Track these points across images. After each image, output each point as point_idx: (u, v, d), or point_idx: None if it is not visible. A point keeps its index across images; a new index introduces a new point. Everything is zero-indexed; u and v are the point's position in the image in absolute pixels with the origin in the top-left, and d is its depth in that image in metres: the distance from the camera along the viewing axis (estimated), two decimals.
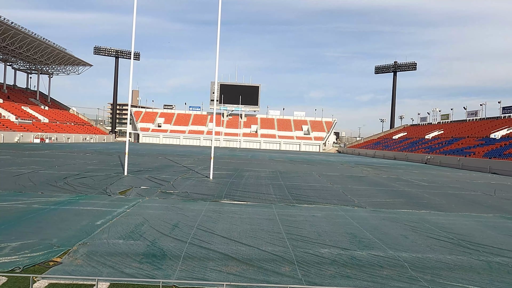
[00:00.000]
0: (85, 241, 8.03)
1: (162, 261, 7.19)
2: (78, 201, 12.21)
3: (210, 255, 7.62)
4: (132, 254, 7.45)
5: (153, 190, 15.39)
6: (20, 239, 7.89)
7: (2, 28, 60.75)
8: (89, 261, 6.99)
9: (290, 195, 15.72)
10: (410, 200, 16.13)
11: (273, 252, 7.99)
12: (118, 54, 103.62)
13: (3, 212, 10.14)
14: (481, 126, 63.18)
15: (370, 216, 12.34)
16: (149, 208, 11.70)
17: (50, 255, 7.20)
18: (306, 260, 7.58)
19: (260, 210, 12.42)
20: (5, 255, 7.07)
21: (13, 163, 22.59)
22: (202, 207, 12.29)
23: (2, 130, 55.52)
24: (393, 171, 33.52)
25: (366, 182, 22.44)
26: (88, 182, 16.49)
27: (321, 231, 9.98)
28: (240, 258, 7.54)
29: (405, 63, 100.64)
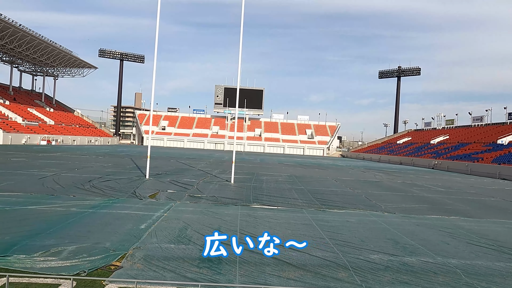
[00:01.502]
0: (138, 245, 8.09)
1: (219, 265, 7.25)
2: (112, 205, 12.28)
3: (264, 260, 7.67)
4: (187, 258, 7.52)
5: (180, 194, 15.45)
6: (74, 243, 7.95)
7: (10, 30, 60.99)
8: (148, 265, 7.05)
9: (316, 200, 15.78)
10: (434, 206, 16.18)
11: (324, 257, 8.05)
12: (122, 57, 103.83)
13: (45, 215, 10.21)
14: (487, 131, 63.31)
15: (403, 222, 12.40)
16: (185, 212, 11.75)
17: (109, 259, 7.26)
18: (359, 265, 7.64)
19: (293, 215, 12.48)
20: (65, 258, 7.13)
21: (32, 166, 22.65)
22: (235, 212, 12.35)
23: (10, 132, 55.62)
24: (404, 176, 33.59)
25: (383, 187, 22.51)
26: (113, 185, 16.55)
27: (361, 236, 10.04)
28: (294, 263, 7.60)
29: (409, 68, 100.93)
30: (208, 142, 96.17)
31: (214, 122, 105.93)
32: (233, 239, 7.07)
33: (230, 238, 7.14)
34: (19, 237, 8.08)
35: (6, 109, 65.03)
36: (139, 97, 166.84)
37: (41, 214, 10.33)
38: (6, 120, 60.65)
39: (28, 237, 8.11)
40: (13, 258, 6.97)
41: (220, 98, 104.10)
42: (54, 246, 7.64)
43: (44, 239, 8.06)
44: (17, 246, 7.53)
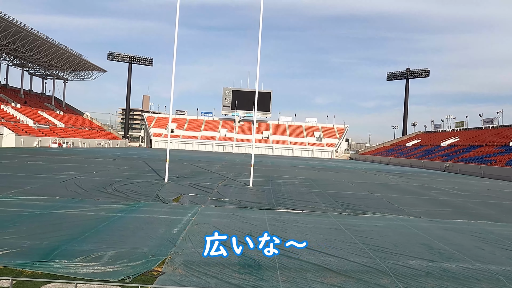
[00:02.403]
0: (175, 250, 8.08)
1: (260, 271, 7.21)
2: (139, 209, 12.29)
3: (303, 265, 7.63)
4: (227, 264, 7.48)
5: (203, 197, 15.44)
6: (112, 248, 7.95)
7: (22, 34, 61.63)
8: (190, 270, 7.03)
9: (339, 204, 15.70)
10: (458, 210, 16.04)
11: (363, 263, 7.98)
12: (131, 60, 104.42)
13: (77, 220, 10.25)
14: (498, 134, 62.76)
15: (431, 226, 12.29)
16: (212, 217, 11.74)
17: (150, 265, 7.25)
18: (400, 272, 7.55)
19: (320, 219, 12.42)
20: (107, 264, 7.13)
21: (50, 169, 22.79)
22: (262, 216, 12.31)
23: (22, 134, 56.08)
24: (419, 179, 33.36)
25: (401, 191, 22.35)
26: (135, 189, 16.59)
27: (394, 241, 9.95)
28: (334, 269, 7.54)
29: (418, 70, 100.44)
30: (216, 145, 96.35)
31: (222, 125, 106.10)
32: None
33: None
34: (56, 242, 8.10)
35: (18, 112, 65.61)
36: (146, 100, 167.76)
37: (72, 219, 10.36)
38: (18, 123, 61.18)
39: (66, 242, 8.13)
40: (55, 263, 6.98)
41: (228, 101, 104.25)
42: (93, 251, 7.64)
43: (81, 244, 8.07)
44: (57, 251, 7.54)
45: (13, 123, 58.89)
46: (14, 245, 7.76)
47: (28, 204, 11.97)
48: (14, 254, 7.29)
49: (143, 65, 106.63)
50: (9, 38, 61.21)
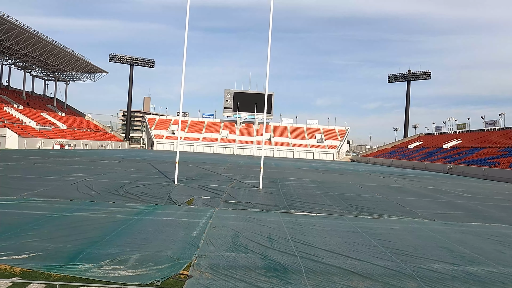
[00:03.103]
0: (199, 253, 8.07)
1: (287, 275, 7.19)
2: (155, 211, 12.28)
3: (328, 269, 7.61)
4: (253, 267, 7.47)
5: (215, 200, 15.43)
6: (136, 251, 7.94)
7: (25, 36, 61.69)
8: (217, 274, 7.01)
9: (350, 207, 15.69)
10: (470, 213, 16.03)
11: (387, 266, 7.97)
12: (133, 62, 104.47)
13: (95, 223, 10.23)
14: (501, 136, 62.80)
15: (446, 229, 12.28)
16: (228, 219, 11.72)
17: (176, 268, 7.23)
18: (425, 275, 7.54)
19: (336, 222, 12.40)
20: (133, 267, 7.11)
21: (58, 171, 22.77)
22: (277, 219, 12.30)
23: (25, 136, 56.06)
24: (424, 181, 33.36)
25: (410, 193, 22.34)
26: (146, 191, 16.57)
27: (413, 244, 9.94)
28: (360, 272, 7.52)
29: (419, 72, 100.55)
30: (218, 147, 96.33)
31: (223, 127, 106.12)
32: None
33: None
34: (80, 245, 8.09)
35: (20, 114, 65.59)
36: (147, 102, 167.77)
37: (91, 221, 10.34)
38: (21, 124, 61.16)
39: (89, 245, 8.11)
40: (82, 267, 6.96)
41: (230, 103, 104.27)
42: (118, 255, 7.63)
43: (105, 247, 8.06)
44: (82, 254, 7.53)
45: (15, 124, 58.87)
46: (38, 248, 7.75)
47: (44, 206, 11.95)
48: (40, 257, 7.28)
49: (144, 67, 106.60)
50: (12, 40, 61.30)
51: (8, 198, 12.99)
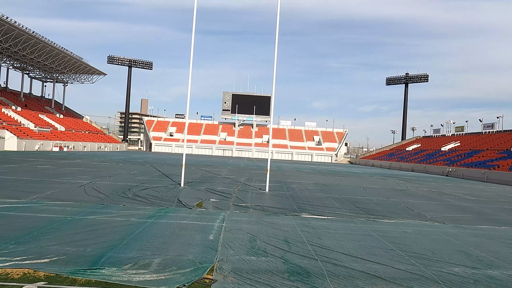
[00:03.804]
0: (220, 257, 8.04)
1: (310, 279, 7.17)
2: (167, 215, 12.22)
3: (351, 273, 7.60)
4: (275, 271, 7.45)
5: (224, 203, 15.40)
6: (157, 255, 7.90)
7: (23, 37, 61.43)
8: (242, 278, 6.98)
9: (359, 210, 15.70)
10: (479, 216, 16.08)
11: (408, 270, 7.97)
12: (131, 64, 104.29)
13: (110, 226, 10.17)
14: (499, 139, 63.14)
15: (459, 232, 12.31)
16: (242, 223, 11.69)
17: (199, 272, 7.19)
18: (448, 279, 7.54)
19: (348, 225, 12.41)
20: (157, 271, 7.07)
21: (63, 174, 22.64)
22: (290, 222, 12.28)
23: (24, 138, 55.75)
24: (426, 184, 33.46)
25: (415, 196, 22.40)
26: (154, 194, 16.51)
27: (429, 248, 9.95)
28: (382, 276, 7.52)
29: (417, 75, 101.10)
30: (216, 149, 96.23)
31: (222, 129, 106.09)
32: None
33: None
34: (100, 249, 8.04)
35: (19, 115, 65.26)
36: (145, 103, 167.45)
37: (106, 225, 10.28)
38: (19, 126, 60.84)
39: (109, 249, 8.06)
40: (106, 271, 6.91)
41: (228, 105, 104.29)
42: (139, 259, 7.59)
43: (125, 251, 8.01)
44: (104, 258, 7.48)
45: (14, 126, 58.56)
46: (59, 252, 7.69)
47: (55, 209, 11.87)
48: (62, 261, 7.23)
49: (142, 69, 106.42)
50: (10, 41, 61.00)
51: (19, 201, 12.90)
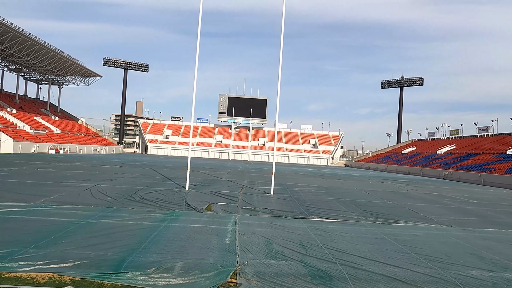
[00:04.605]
0: (240, 261, 8.07)
1: (332, 282, 7.22)
2: (178, 218, 12.23)
3: (372, 276, 7.67)
4: (298, 275, 7.49)
5: (232, 206, 15.43)
6: (178, 259, 7.92)
7: (20, 39, 61.02)
8: (265, 282, 7.01)
9: (366, 213, 15.80)
10: (483, 219, 16.26)
11: (427, 273, 8.05)
12: (127, 66, 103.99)
13: (125, 230, 10.16)
14: (494, 142, 63.79)
15: (468, 235, 12.44)
16: (254, 226, 11.73)
17: (223, 276, 7.22)
18: (467, 282, 7.63)
19: (358, 228, 12.49)
20: (180, 275, 7.09)
21: (65, 177, 22.52)
22: (301, 225, 12.35)
23: (20, 140, 55.32)
24: (425, 187, 33.72)
25: (417, 199, 22.58)
26: (161, 197, 16.50)
27: (442, 250, 10.06)
28: (402, 279, 7.59)
29: (412, 78, 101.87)
30: (212, 151, 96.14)
31: (218, 131, 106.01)
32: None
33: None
34: (120, 253, 8.04)
35: (14, 118, 64.76)
36: (140, 106, 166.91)
37: (120, 228, 10.27)
38: (15, 128, 60.37)
39: (129, 253, 8.06)
40: (131, 275, 6.92)
41: (224, 107, 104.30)
42: (161, 262, 7.60)
43: (145, 255, 8.02)
44: (126, 262, 7.48)
45: (10, 128, 58.08)
46: (81, 256, 7.68)
47: (67, 213, 11.84)
48: (85, 265, 7.22)
49: (138, 71, 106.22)
50: (6, 43, 60.59)
51: (28, 204, 12.83)
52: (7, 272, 6.69)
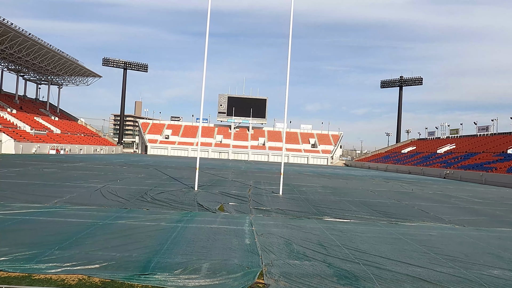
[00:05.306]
0: (265, 262, 8.09)
1: (359, 282, 7.25)
2: (194, 219, 12.23)
3: (397, 276, 7.69)
4: (323, 275, 7.51)
5: (244, 206, 15.45)
6: (203, 259, 7.93)
7: (20, 39, 60.83)
8: (293, 283, 7.02)
9: (377, 212, 15.85)
10: (492, 219, 16.33)
11: (450, 273, 8.09)
12: (126, 66, 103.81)
13: (144, 230, 10.16)
14: (494, 141, 64.02)
15: (482, 235, 12.50)
16: (270, 226, 11.75)
17: (250, 277, 7.23)
18: (491, 282, 7.67)
19: (372, 228, 12.53)
20: (208, 276, 7.10)
21: (72, 177, 22.49)
22: (316, 225, 12.38)
23: (21, 141, 55.15)
24: (429, 186, 33.83)
25: (423, 198, 22.65)
26: (172, 197, 16.49)
27: (460, 250, 10.11)
28: (427, 279, 7.62)
29: (411, 78, 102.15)
30: (212, 151, 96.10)
31: (217, 131, 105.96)
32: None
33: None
34: (144, 254, 8.05)
35: (14, 118, 64.56)
36: (139, 106, 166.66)
37: (139, 229, 10.27)
38: (15, 129, 60.18)
39: (153, 254, 8.07)
40: (159, 276, 6.93)
41: (224, 107, 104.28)
42: (187, 263, 7.61)
43: (170, 256, 8.03)
44: (153, 264, 7.49)
45: (10, 129, 57.90)
46: (106, 257, 7.67)
47: (82, 214, 11.83)
48: (112, 266, 7.22)
49: (138, 71, 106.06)
50: (6, 43, 60.37)
51: (42, 205, 12.81)
52: (36, 273, 6.69)
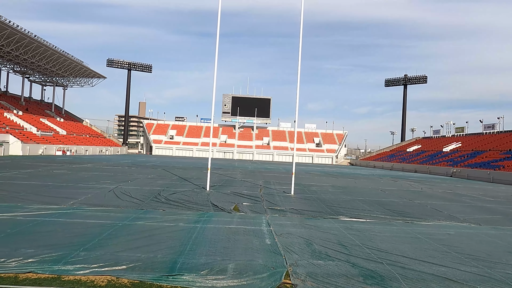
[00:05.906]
0: (289, 262, 8.09)
1: (385, 282, 7.24)
2: (211, 219, 12.25)
3: (422, 276, 7.68)
4: (349, 275, 7.51)
5: (258, 206, 15.46)
6: (227, 260, 7.94)
7: (25, 41, 61.12)
8: (320, 283, 7.03)
9: (391, 212, 15.83)
10: (507, 217, 16.28)
11: (474, 272, 8.07)
12: (130, 67, 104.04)
13: (164, 231, 10.19)
14: (501, 139, 63.72)
15: (500, 234, 12.45)
16: (287, 226, 11.76)
17: (277, 277, 7.24)
18: None
19: (389, 228, 12.50)
20: (235, 276, 7.12)
21: (84, 179, 22.57)
22: (333, 225, 12.37)
23: (27, 142, 55.41)
24: (438, 185, 33.72)
25: (435, 197, 22.57)
26: (185, 198, 16.53)
27: (480, 249, 10.09)
28: (453, 278, 7.60)
29: (415, 76, 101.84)
30: (217, 151, 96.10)
31: (222, 131, 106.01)
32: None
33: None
34: (169, 255, 8.08)
35: (21, 120, 64.87)
36: (143, 106, 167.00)
37: (159, 230, 10.31)
38: (22, 130, 60.45)
39: (177, 255, 8.11)
40: (187, 277, 6.95)
41: (228, 107, 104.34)
42: (213, 264, 7.63)
43: (194, 256, 8.05)
44: (179, 264, 7.52)
45: (17, 130, 58.17)
46: (132, 258, 7.71)
47: (100, 215, 11.88)
48: (139, 268, 7.25)
49: (142, 72, 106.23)
50: (12, 45, 60.71)
51: (59, 207, 12.87)
52: (65, 275, 6.73)
